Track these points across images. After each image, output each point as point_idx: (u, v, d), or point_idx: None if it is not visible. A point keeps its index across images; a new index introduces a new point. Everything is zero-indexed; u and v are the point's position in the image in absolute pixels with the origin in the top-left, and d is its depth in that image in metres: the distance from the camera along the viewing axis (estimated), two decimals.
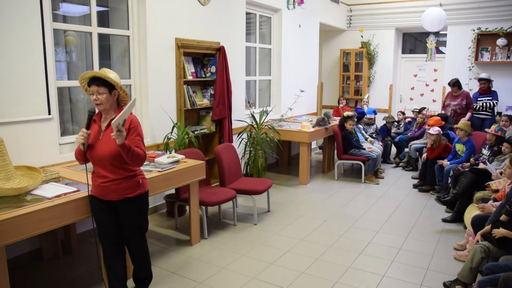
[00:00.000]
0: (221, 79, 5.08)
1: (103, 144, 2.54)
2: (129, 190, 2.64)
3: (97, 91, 2.50)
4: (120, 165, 2.57)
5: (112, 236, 2.72)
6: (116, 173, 2.58)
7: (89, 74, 2.52)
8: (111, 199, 2.63)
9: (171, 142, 4.52)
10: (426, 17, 6.91)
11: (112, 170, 2.57)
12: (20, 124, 3.26)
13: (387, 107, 9.02)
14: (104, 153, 2.53)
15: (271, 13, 6.59)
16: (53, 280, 3.21)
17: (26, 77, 3.27)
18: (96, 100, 2.51)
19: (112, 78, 2.51)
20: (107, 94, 2.52)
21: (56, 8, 3.75)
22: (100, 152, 2.54)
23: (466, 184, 4.35)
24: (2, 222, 2.27)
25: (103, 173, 2.58)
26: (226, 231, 4.21)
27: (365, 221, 4.52)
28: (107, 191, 2.60)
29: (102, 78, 2.50)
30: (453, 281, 3.02)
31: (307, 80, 7.63)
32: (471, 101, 6.70)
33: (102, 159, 2.55)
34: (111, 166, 2.56)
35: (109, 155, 2.52)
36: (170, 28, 4.54)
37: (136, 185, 2.67)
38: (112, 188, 2.59)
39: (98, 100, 2.51)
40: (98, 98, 2.50)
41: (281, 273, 3.34)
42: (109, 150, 2.52)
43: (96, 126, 2.61)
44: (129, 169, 2.63)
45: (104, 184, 2.59)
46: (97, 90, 2.49)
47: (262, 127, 5.74)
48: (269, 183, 4.59)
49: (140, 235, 2.80)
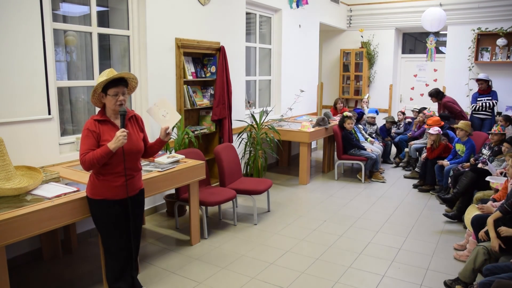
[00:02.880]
0: (221, 79, 5.08)
1: (129, 141, 2.54)
2: (141, 181, 2.83)
3: (123, 92, 2.56)
4: (139, 159, 2.76)
5: (125, 239, 2.69)
6: (138, 168, 2.74)
7: (121, 75, 2.53)
8: (133, 195, 2.69)
9: (171, 142, 4.52)
10: (426, 17, 6.91)
11: (136, 165, 2.71)
12: (20, 124, 3.26)
13: (387, 107, 9.02)
14: (134, 150, 2.63)
15: (271, 13, 6.59)
16: (53, 280, 3.21)
17: (26, 77, 3.27)
18: (122, 100, 2.55)
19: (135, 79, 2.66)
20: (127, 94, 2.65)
21: (56, 8, 3.75)
22: (129, 149, 2.58)
23: (466, 183, 4.35)
24: (2, 222, 2.27)
25: (133, 167, 2.66)
26: (226, 231, 4.21)
27: (365, 221, 4.52)
28: (131, 187, 2.66)
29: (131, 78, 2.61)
30: (454, 280, 3.02)
31: (307, 80, 7.63)
32: (452, 109, 6.55)
33: (136, 152, 2.67)
34: (136, 162, 2.71)
35: (138, 150, 2.68)
36: (170, 28, 4.54)
37: (141, 176, 2.85)
38: (135, 183, 2.70)
39: (124, 100, 2.56)
40: (123, 98, 2.56)
41: (281, 273, 3.34)
42: (137, 146, 2.66)
43: (111, 127, 2.57)
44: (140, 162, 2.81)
45: (130, 180, 2.64)
46: (123, 90, 2.56)
47: (262, 127, 5.74)
48: (269, 183, 4.59)
49: (140, 224, 2.89)
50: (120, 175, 2.58)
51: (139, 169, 2.76)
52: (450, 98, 6.73)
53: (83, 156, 2.46)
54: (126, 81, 2.60)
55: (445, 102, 6.64)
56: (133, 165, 2.66)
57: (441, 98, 6.69)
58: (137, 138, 2.68)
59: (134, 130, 2.69)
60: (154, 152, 2.87)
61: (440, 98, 6.69)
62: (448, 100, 6.64)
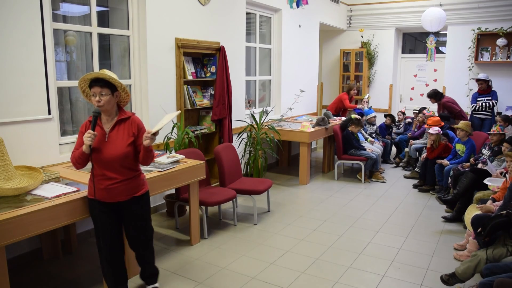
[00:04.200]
0: (221, 79, 5.08)
1: (111, 145, 2.54)
2: (136, 189, 2.69)
3: (100, 92, 2.47)
4: (128, 165, 2.61)
5: (115, 240, 2.72)
6: (124, 174, 2.60)
7: (92, 75, 2.48)
8: (118, 201, 2.63)
9: (171, 142, 4.52)
10: (426, 17, 6.91)
11: (120, 171, 2.58)
12: (20, 124, 3.26)
13: (387, 107, 9.01)
14: (114, 155, 2.54)
15: (271, 13, 6.59)
16: (53, 280, 3.21)
17: (26, 77, 3.27)
18: (99, 101, 2.48)
19: (116, 79, 2.51)
20: (110, 96, 2.51)
21: (56, 8, 3.75)
22: (109, 153, 2.54)
23: (466, 184, 4.34)
24: (2, 222, 2.27)
25: (111, 175, 2.57)
26: (226, 231, 4.21)
27: (365, 221, 4.52)
28: (115, 192, 2.60)
29: (106, 79, 2.47)
30: (450, 276, 3.01)
31: (307, 80, 7.63)
32: (451, 109, 6.56)
33: (111, 160, 2.54)
34: (120, 167, 2.58)
35: (119, 156, 2.54)
36: (170, 28, 4.54)
37: (141, 183, 2.75)
38: (121, 189, 2.61)
39: (101, 101, 2.48)
40: (100, 99, 2.48)
41: (281, 273, 3.34)
42: (119, 151, 2.54)
43: (97, 128, 2.56)
44: (135, 169, 2.69)
45: (112, 186, 2.58)
46: (100, 91, 2.47)
47: (262, 127, 5.74)
48: (269, 183, 4.59)
49: (148, 235, 2.85)
50: (103, 178, 2.57)
51: (129, 175, 2.62)
52: (450, 98, 6.73)
53: (71, 154, 2.62)
54: (105, 81, 2.48)
55: (444, 102, 6.63)
56: (117, 169, 2.56)
57: (439, 98, 6.68)
58: (121, 142, 2.55)
59: (121, 134, 2.58)
60: (144, 159, 2.63)
61: (438, 98, 6.69)
62: (447, 100, 6.64)
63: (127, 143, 2.58)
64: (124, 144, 2.56)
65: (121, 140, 2.57)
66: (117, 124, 2.60)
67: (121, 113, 2.63)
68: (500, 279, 2.38)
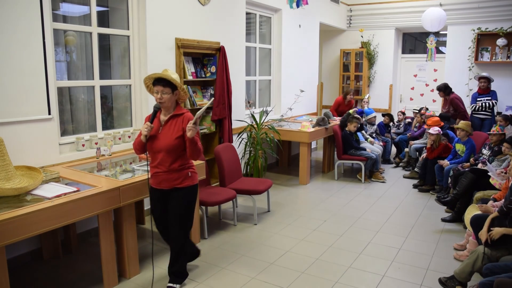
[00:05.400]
0: (221, 79, 5.08)
1: (162, 137, 2.84)
2: (178, 180, 2.91)
3: (162, 91, 2.77)
4: (175, 157, 2.86)
5: (160, 222, 3.05)
6: (170, 164, 2.86)
7: (156, 75, 2.78)
8: (162, 188, 2.92)
9: None
10: (426, 17, 6.92)
11: (167, 161, 2.85)
12: (20, 124, 3.26)
13: (387, 107, 9.01)
14: (163, 146, 2.82)
15: (271, 13, 6.59)
16: (53, 280, 3.20)
17: (26, 77, 3.27)
18: (161, 99, 2.78)
19: (176, 81, 2.79)
20: (170, 94, 2.80)
21: (56, 8, 3.75)
22: (159, 144, 2.83)
23: (466, 184, 4.34)
24: (2, 222, 2.27)
25: (159, 164, 2.87)
26: (226, 231, 4.21)
27: (365, 221, 4.53)
28: (159, 179, 2.90)
29: (168, 79, 2.76)
30: (449, 278, 3.02)
31: (307, 80, 7.63)
32: (458, 107, 6.58)
33: (160, 150, 2.84)
34: (167, 158, 2.84)
35: (167, 147, 2.82)
36: (170, 28, 4.54)
37: (185, 176, 2.93)
38: (163, 178, 2.88)
39: (162, 99, 2.78)
40: (162, 97, 2.78)
41: (281, 273, 3.34)
42: (167, 143, 2.82)
43: (156, 121, 2.87)
44: (182, 162, 2.90)
45: (158, 173, 2.89)
46: (162, 90, 2.77)
47: (262, 127, 5.74)
48: (269, 183, 4.59)
49: (181, 227, 2.98)
50: (154, 166, 2.90)
51: (174, 166, 2.86)
52: (458, 95, 6.75)
53: (135, 140, 2.94)
54: (167, 81, 2.76)
55: (452, 98, 6.65)
56: (164, 159, 2.84)
57: (448, 93, 6.69)
58: (171, 135, 2.82)
59: (172, 128, 2.84)
60: (190, 153, 2.85)
61: (447, 93, 6.69)
62: (455, 97, 6.67)
63: (175, 136, 2.83)
64: (173, 137, 2.82)
65: (171, 133, 2.83)
66: (171, 118, 2.87)
67: (177, 109, 2.91)
68: (500, 279, 2.38)
